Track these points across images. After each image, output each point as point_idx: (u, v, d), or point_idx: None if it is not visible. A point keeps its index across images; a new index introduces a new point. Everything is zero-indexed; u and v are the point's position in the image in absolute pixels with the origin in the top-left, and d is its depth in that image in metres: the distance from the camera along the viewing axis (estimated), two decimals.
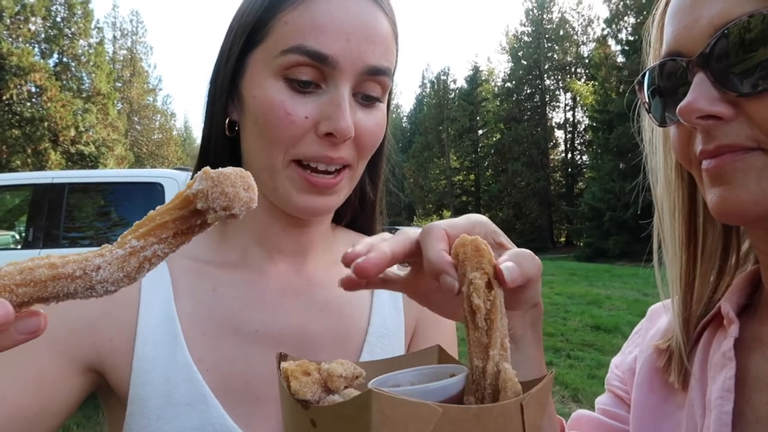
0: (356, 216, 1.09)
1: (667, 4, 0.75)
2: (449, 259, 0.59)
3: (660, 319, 0.91)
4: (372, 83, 0.85)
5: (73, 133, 27.87)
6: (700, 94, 0.63)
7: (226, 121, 0.91)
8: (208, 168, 0.48)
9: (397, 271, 0.73)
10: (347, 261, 0.62)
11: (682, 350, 0.79)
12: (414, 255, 0.64)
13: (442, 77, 55.09)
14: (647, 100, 0.77)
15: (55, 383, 0.79)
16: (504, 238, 0.67)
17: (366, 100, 0.86)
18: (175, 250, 0.49)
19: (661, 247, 0.83)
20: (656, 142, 0.82)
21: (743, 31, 0.61)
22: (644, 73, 0.77)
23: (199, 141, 0.98)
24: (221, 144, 0.93)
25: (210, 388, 0.83)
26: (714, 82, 0.63)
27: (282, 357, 0.63)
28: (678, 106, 0.65)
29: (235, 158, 0.93)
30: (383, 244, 0.63)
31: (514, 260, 0.59)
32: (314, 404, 0.53)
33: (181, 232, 0.48)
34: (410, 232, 0.66)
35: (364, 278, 0.62)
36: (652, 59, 0.79)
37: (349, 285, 0.67)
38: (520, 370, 0.69)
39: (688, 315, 0.79)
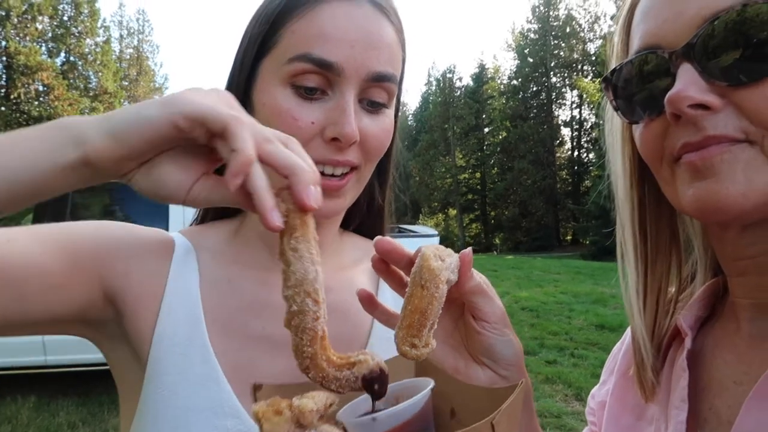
0: (364, 220, 1.11)
1: (631, 7, 0.76)
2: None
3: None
4: (377, 89, 0.87)
5: None
6: (689, 82, 0.63)
7: None
8: None
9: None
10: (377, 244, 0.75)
11: (645, 360, 0.79)
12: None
13: (448, 75, 54.98)
14: (615, 98, 0.77)
15: (79, 270, 0.82)
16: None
17: (372, 106, 0.88)
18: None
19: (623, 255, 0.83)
20: (616, 145, 0.83)
21: (734, 22, 0.60)
22: (612, 71, 0.76)
23: None
24: None
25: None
26: (701, 72, 0.63)
27: (257, 387, 0.64)
28: (667, 95, 0.64)
29: None
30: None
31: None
32: None
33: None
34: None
35: (385, 253, 0.74)
36: (615, 60, 0.79)
37: (376, 264, 0.78)
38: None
39: (648, 324, 0.81)
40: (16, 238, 0.77)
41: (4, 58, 25.82)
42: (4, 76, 26.39)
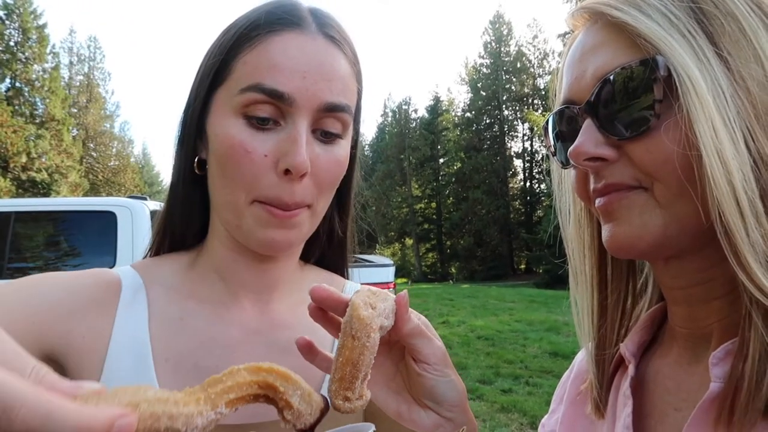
0: (325, 253, 1.09)
1: (565, 57, 0.81)
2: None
3: (581, 361, 0.95)
4: (331, 119, 0.86)
5: (24, 159, 27.08)
6: (587, 138, 0.69)
7: (196, 160, 0.93)
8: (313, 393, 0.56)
9: None
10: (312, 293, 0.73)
11: (594, 382, 0.82)
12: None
13: (404, 107, 55.89)
14: (552, 144, 0.81)
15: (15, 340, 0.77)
16: None
17: (325, 137, 0.87)
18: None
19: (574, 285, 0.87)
20: (565, 183, 0.86)
21: (619, 81, 0.67)
22: (548, 119, 0.81)
23: (157, 168, 0.98)
24: (190, 181, 0.94)
25: None
26: (599, 127, 0.69)
27: None
28: (568, 150, 0.71)
29: (204, 196, 0.94)
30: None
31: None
32: None
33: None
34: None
35: (320, 301, 0.73)
36: (556, 104, 0.84)
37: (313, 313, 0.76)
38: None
39: (599, 349, 0.83)
40: None
41: None
42: None
